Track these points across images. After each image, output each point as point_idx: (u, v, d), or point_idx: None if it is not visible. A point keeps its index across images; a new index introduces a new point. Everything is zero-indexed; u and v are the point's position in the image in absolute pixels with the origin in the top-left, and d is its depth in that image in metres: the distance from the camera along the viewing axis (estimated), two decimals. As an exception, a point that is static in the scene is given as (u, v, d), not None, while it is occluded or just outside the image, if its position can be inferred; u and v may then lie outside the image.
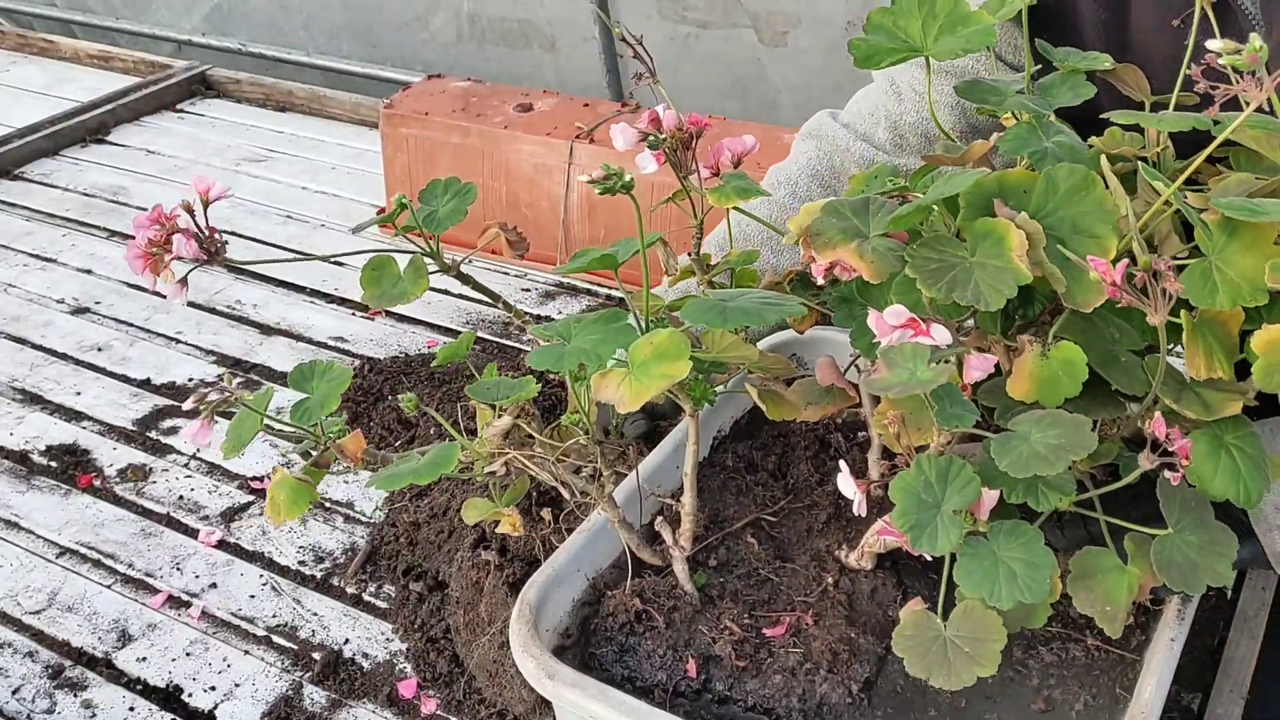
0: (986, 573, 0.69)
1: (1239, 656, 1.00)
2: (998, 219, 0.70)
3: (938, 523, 0.69)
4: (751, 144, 0.85)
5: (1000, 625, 0.71)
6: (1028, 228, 0.70)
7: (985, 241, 0.70)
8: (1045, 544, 0.70)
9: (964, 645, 0.71)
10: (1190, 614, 0.84)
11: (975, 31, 0.80)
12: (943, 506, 0.70)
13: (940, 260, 0.70)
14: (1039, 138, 0.78)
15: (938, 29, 0.80)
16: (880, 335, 0.69)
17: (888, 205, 0.76)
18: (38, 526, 1.29)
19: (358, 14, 2.61)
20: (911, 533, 0.69)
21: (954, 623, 0.72)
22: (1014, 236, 0.68)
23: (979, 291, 0.67)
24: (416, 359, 1.52)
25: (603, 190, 0.75)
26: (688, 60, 2.24)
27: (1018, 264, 0.68)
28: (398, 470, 0.80)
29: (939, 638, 0.72)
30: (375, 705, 1.05)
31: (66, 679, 1.09)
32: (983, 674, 0.70)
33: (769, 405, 0.88)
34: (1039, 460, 0.67)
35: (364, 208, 1.93)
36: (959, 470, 0.70)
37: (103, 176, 2.09)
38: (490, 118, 1.72)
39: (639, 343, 0.75)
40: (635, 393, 0.73)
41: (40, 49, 2.68)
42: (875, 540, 0.87)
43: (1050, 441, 0.68)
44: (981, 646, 0.71)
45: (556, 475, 0.85)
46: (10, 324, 1.66)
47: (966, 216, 0.72)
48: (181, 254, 0.81)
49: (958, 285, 0.68)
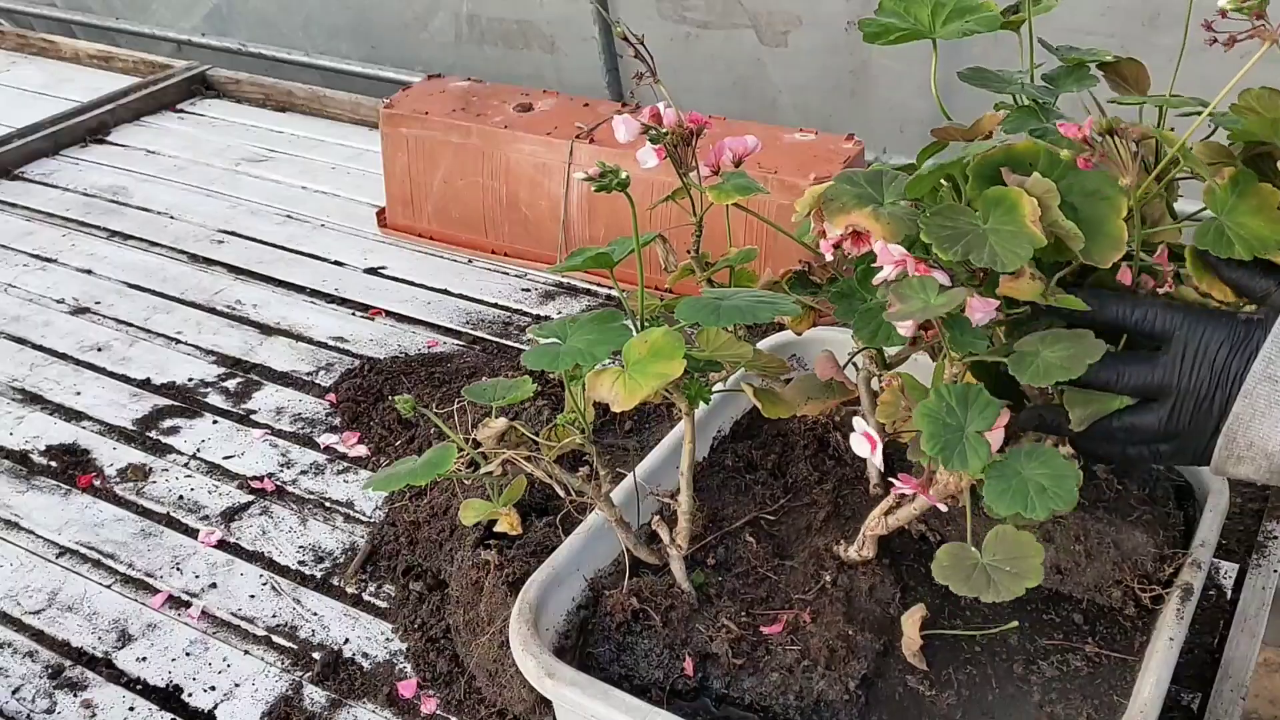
0: (1017, 491, 0.71)
1: (1239, 656, 1.00)
2: (1009, 187, 0.72)
3: (964, 443, 0.71)
4: (753, 144, 0.86)
5: (1034, 541, 0.73)
6: (1040, 187, 0.72)
7: (997, 209, 0.72)
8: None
9: (1004, 565, 0.73)
10: (1190, 614, 0.84)
11: (981, 18, 0.83)
12: (966, 429, 0.72)
13: (954, 227, 0.72)
14: (1039, 119, 0.81)
15: (945, 15, 0.84)
16: (884, 263, 0.73)
17: (900, 177, 0.78)
18: (38, 526, 1.29)
19: (357, 14, 2.61)
20: (942, 454, 0.71)
21: (988, 549, 0.74)
22: (1027, 203, 0.71)
23: (995, 254, 0.69)
24: (416, 359, 1.52)
25: (599, 187, 0.75)
26: (688, 60, 2.24)
27: (1031, 228, 0.70)
28: (395, 471, 0.80)
29: (977, 564, 0.74)
30: (375, 705, 1.05)
31: (66, 679, 1.09)
32: (1030, 585, 0.72)
33: (765, 403, 0.88)
34: (1057, 369, 0.71)
35: (364, 208, 1.94)
36: (977, 394, 0.72)
37: (103, 176, 2.09)
38: (490, 118, 1.72)
39: (634, 341, 0.75)
40: (630, 391, 0.73)
41: (40, 49, 2.68)
42: (877, 521, 0.87)
43: (1061, 353, 0.72)
44: (1022, 564, 0.73)
45: (552, 475, 0.85)
46: (10, 324, 1.67)
47: (974, 187, 0.74)
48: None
49: (974, 248, 0.70)
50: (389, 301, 1.68)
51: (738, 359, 0.82)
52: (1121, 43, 1.78)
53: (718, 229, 0.97)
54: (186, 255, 1.83)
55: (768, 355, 0.88)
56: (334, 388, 1.49)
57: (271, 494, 1.32)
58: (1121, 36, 1.77)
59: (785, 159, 1.53)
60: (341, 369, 1.53)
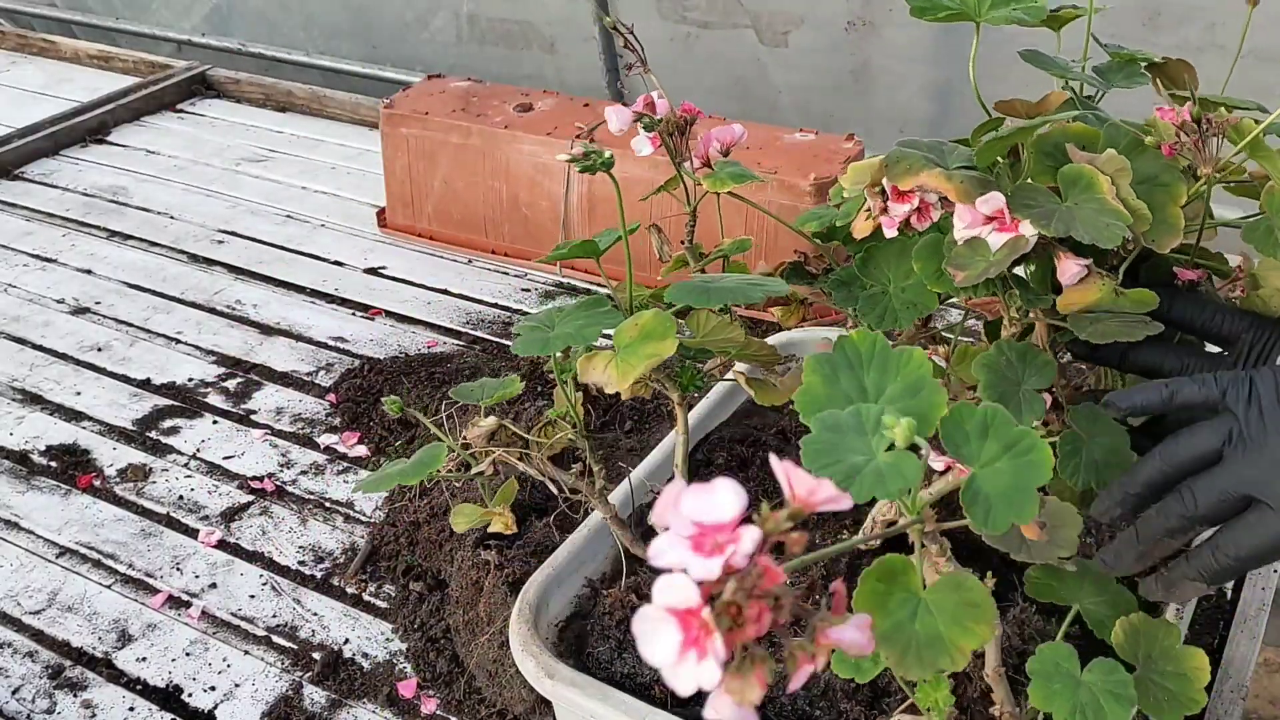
0: (1088, 463, 0.71)
1: (1239, 656, 1.00)
2: (1085, 165, 0.72)
3: (1020, 397, 0.71)
4: (739, 133, 0.85)
5: (1075, 513, 0.73)
6: (1114, 164, 0.72)
7: (1075, 187, 0.71)
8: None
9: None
10: (1190, 614, 0.84)
11: (1029, 7, 0.82)
12: (1023, 384, 0.72)
13: (1039, 204, 0.71)
14: (1077, 109, 0.81)
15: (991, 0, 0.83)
16: (970, 225, 0.71)
17: (961, 149, 0.77)
18: (38, 526, 1.29)
19: (357, 14, 2.61)
20: (999, 403, 0.70)
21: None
22: (1104, 181, 0.70)
23: (1092, 230, 0.69)
24: (416, 359, 1.52)
25: (583, 168, 0.75)
26: (688, 60, 2.24)
27: (1116, 205, 0.70)
28: (386, 472, 0.80)
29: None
30: (375, 705, 1.05)
31: (66, 679, 1.09)
32: (1063, 555, 0.71)
33: (757, 391, 0.88)
34: (1116, 330, 0.71)
35: (364, 208, 1.94)
36: (1036, 354, 0.73)
37: (103, 176, 2.09)
38: (490, 118, 1.72)
39: (625, 324, 0.75)
40: (622, 373, 0.73)
41: (40, 49, 2.68)
42: (889, 504, 0.87)
43: (1117, 322, 0.71)
44: (1059, 533, 0.72)
45: (545, 473, 0.85)
46: (10, 324, 1.67)
47: (1035, 163, 0.74)
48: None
49: (1070, 225, 0.69)
50: (389, 301, 1.68)
51: (729, 345, 0.82)
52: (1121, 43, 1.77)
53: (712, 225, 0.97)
54: (186, 255, 1.83)
55: (759, 342, 0.88)
56: (334, 388, 1.49)
57: (271, 494, 1.32)
58: (1121, 37, 1.77)
59: (785, 159, 1.53)
60: (341, 369, 1.53)
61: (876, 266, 0.82)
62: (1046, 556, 0.71)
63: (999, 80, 1.00)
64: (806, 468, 0.57)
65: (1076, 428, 0.73)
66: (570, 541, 0.92)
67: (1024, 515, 0.58)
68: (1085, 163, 0.72)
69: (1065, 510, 0.73)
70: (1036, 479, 0.58)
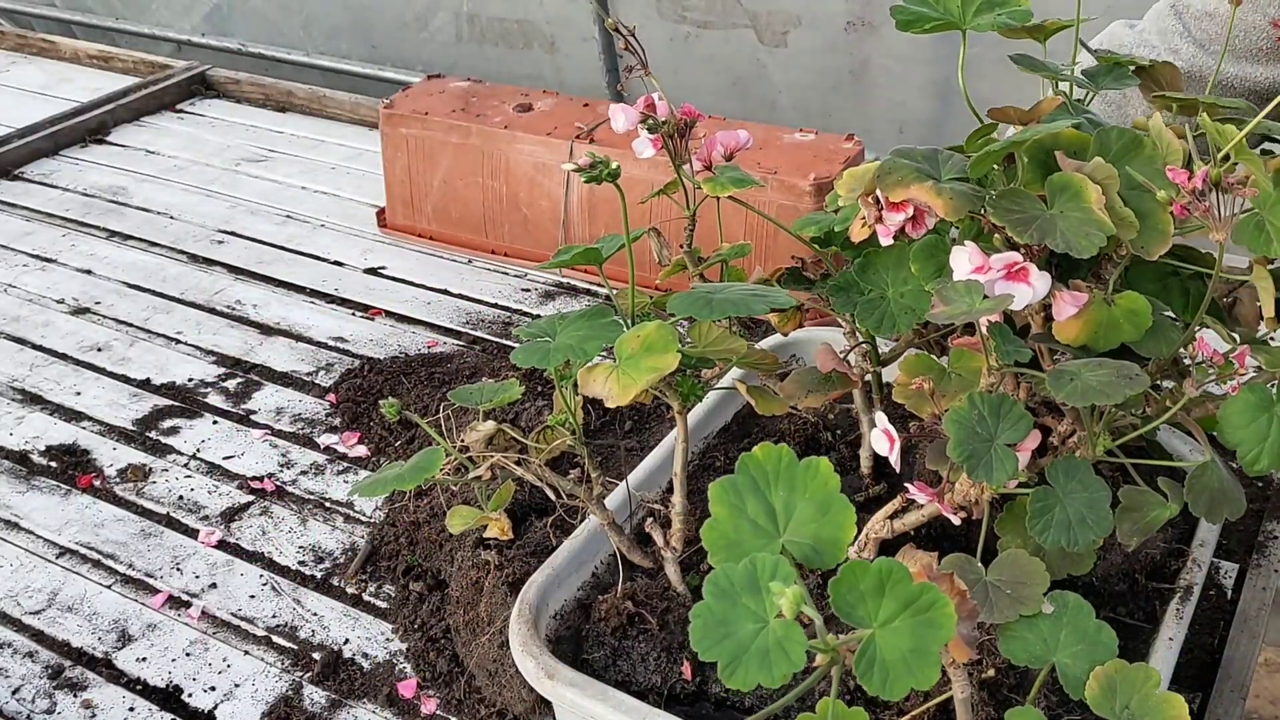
0: (1059, 521, 0.71)
1: (1239, 656, 1.00)
2: (1073, 173, 0.71)
3: (992, 455, 0.70)
4: (745, 139, 0.85)
5: (1044, 571, 0.71)
6: (1102, 172, 0.71)
7: (1063, 195, 0.71)
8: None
9: (1005, 589, 0.71)
10: (1189, 614, 0.84)
11: (1014, 11, 0.82)
12: (996, 439, 0.70)
13: (1022, 211, 0.70)
14: (1069, 116, 0.81)
15: (976, 6, 0.83)
16: (978, 273, 0.70)
17: (955, 157, 0.77)
18: (38, 526, 1.29)
19: (357, 14, 2.61)
20: (968, 462, 0.69)
21: (995, 569, 0.72)
22: (1091, 189, 0.70)
23: (1069, 239, 0.68)
24: (416, 359, 1.52)
25: (588, 179, 0.75)
26: (688, 60, 2.24)
27: (1100, 215, 0.69)
28: (383, 476, 0.80)
29: (980, 581, 0.72)
30: (375, 705, 1.05)
31: (66, 679, 1.09)
32: (1025, 614, 0.70)
33: (758, 400, 0.88)
34: (1094, 392, 0.68)
35: (364, 208, 1.94)
36: (1010, 406, 0.71)
37: (102, 176, 2.09)
38: (490, 118, 1.72)
39: (626, 336, 0.75)
40: (623, 387, 0.73)
41: (40, 49, 2.68)
42: (881, 524, 0.87)
43: (1102, 378, 0.69)
44: (1024, 590, 0.71)
45: (543, 478, 0.85)
46: (10, 324, 1.67)
47: (1028, 171, 0.73)
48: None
49: (1048, 234, 0.68)
50: (389, 301, 1.68)
51: (730, 355, 0.82)
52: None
53: (711, 228, 0.98)
54: (186, 255, 1.83)
55: (760, 351, 0.88)
56: (334, 388, 1.49)
57: (271, 494, 1.32)
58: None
59: (785, 159, 1.53)
60: (341, 369, 1.53)
61: (874, 272, 0.82)
62: (1007, 618, 0.70)
63: (996, 81, 1.00)
64: (693, 649, 0.57)
65: (1052, 483, 0.72)
66: (570, 542, 0.92)
67: (923, 680, 0.56)
68: (1074, 170, 0.72)
69: (1033, 566, 0.72)
70: (938, 639, 0.56)
